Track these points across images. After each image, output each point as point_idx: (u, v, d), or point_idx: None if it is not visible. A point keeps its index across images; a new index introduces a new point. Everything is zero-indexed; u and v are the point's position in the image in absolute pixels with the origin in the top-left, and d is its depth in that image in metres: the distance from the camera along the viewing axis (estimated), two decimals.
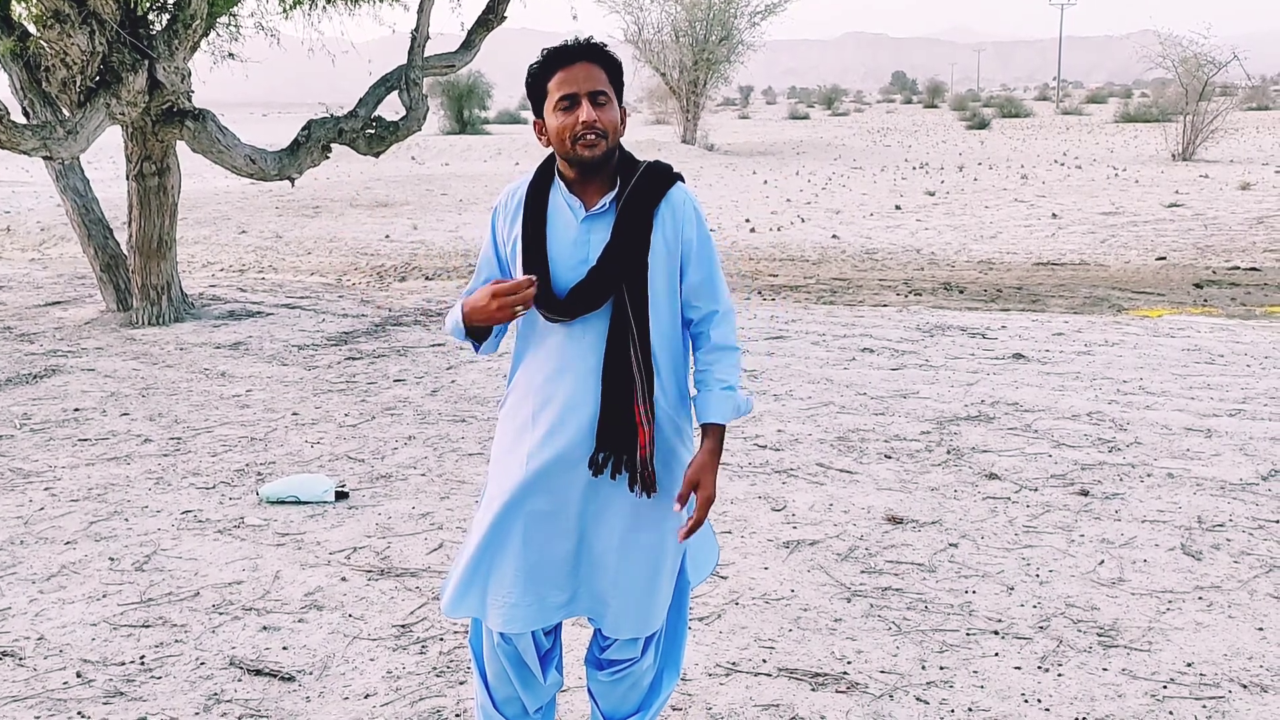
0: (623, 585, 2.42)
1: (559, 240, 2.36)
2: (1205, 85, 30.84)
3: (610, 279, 2.31)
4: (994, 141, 40.83)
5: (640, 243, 2.33)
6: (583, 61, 2.29)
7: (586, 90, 2.27)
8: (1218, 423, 5.83)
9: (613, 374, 2.32)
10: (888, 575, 4.01)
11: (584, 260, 2.33)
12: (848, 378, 6.96)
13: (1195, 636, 3.51)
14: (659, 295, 2.37)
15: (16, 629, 3.69)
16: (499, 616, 2.41)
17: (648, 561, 2.42)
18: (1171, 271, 12.49)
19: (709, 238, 2.45)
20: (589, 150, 2.27)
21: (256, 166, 9.15)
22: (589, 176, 2.35)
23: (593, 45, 2.32)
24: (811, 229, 16.95)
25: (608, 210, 2.35)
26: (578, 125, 2.26)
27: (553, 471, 2.36)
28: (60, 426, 6.14)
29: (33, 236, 16.82)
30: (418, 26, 9.99)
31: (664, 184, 2.39)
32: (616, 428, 2.32)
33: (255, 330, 8.77)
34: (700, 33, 39.40)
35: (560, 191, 2.38)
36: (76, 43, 8.02)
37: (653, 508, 2.40)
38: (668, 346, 2.41)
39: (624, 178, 2.37)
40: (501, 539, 2.39)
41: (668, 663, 2.66)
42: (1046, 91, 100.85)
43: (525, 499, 2.37)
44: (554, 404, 2.36)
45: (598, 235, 2.34)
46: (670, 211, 2.38)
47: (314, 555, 4.28)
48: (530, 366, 2.42)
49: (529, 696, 2.58)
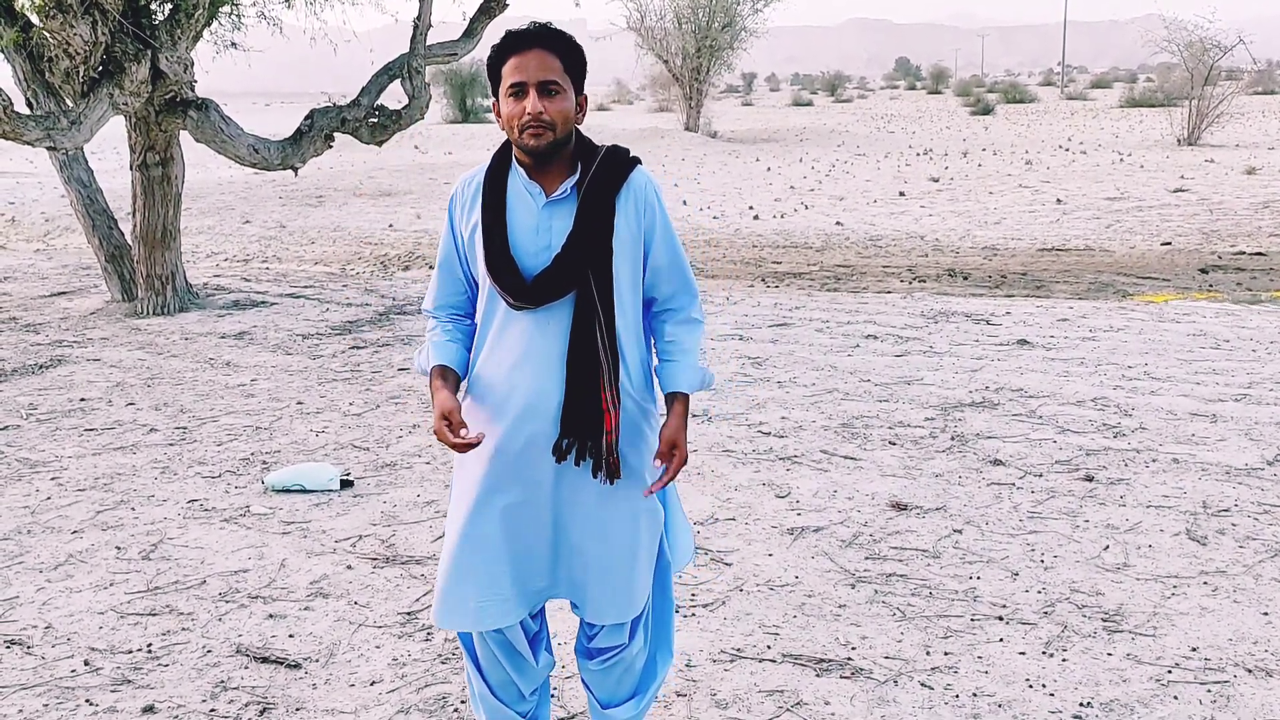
0: (601, 571, 2.41)
1: (520, 227, 2.34)
2: (1211, 70, 30.67)
3: (576, 266, 2.29)
4: (998, 127, 40.69)
5: (604, 229, 2.31)
6: (537, 49, 2.26)
7: (536, 80, 2.24)
8: (1223, 408, 5.83)
9: (578, 360, 2.31)
10: (892, 561, 4.02)
11: (547, 247, 2.32)
12: (852, 364, 6.96)
13: (1200, 621, 3.52)
14: (623, 281, 2.36)
15: (24, 618, 3.71)
16: (491, 616, 2.40)
17: (624, 546, 2.41)
18: (1177, 257, 12.45)
19: (669, 221, 2.44)
20: (535, 140, 2.26)
21: (260, 156, 9.15)
22: (544, 163, 2.33)
23: (549, 31, 2.28)
24: (815, 216, 16.91)
25: (569, 196, 2.33)
26: (525, 115, 2.24)
27: (522, 461, 2.35)
28: (66, 416, 6.15)
29: (38, 227, 16.83)
30: (420, 15, 9.96)
31: (625, 169, 2.37)
32: (582, 414, 2.31)
33: (260, 320, 8.78)
34: (703, 19, 39.23)
35: (519, 178, 2.36)
36: (79, 33, 8.01)
37: (624, 493, 2.39)
38: (632, 331, 2.41)
39: (584, 163, 2.35)
40: (481, 537, 2.38)
41: (659, 646, 2.66)
42: (1051, 77, 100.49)
43: (496, 492, 2.36)
44: (519, 392, 2.34)
45: (559, 222, 2.32)
46: (632, 196, 2.36)
47: (319, 543, 4.30)
48: (493, 356, 2.39)
49: (523, 680, 2.59)
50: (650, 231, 2.39)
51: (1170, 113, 33.60)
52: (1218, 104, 29.45)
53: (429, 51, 10.13)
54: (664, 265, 2.42)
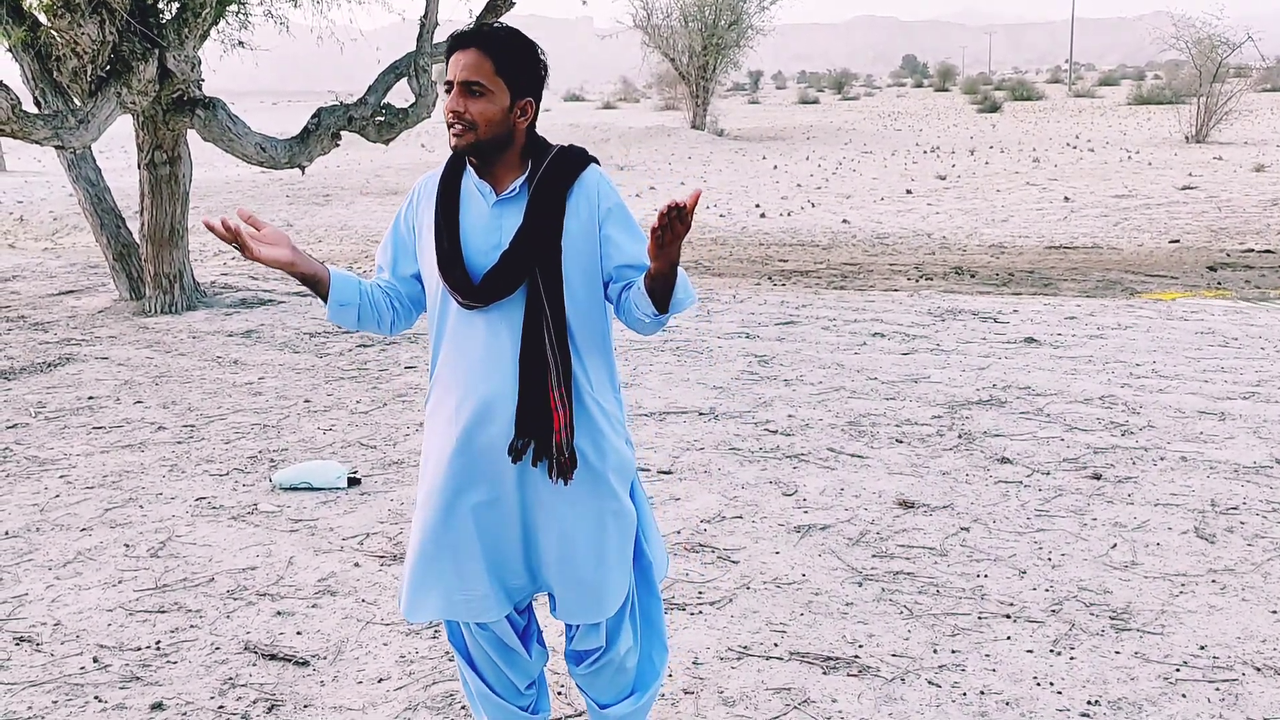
0: (568, 571, 2.39)
1: (471, 226, 2.33)
2: (1219, 67, 30.59)
3: (521, 262, 2.28)
4: (1005, 125, 40.60)
5: (552, 226, 2.30)
6: (472, 48, 2.25)
7: (461, 79, 2.24)
8: (1231, 406, 5.81)
9: (529, 360, 2.29)
10: (899, 559, 4.01)
11: (497, 245, 2.31)
12: (859, 362, 6.95)
13: (1208, 619, 3.51)
14: (574, 278, 2.33)
15: (34, 615, 3.72)
16: (472, 609, 2.40)
17: (590, 547, 2.39)
18: (1185, 254, 12.42)
19: (628, 213, 2.40)
20: (456, 139, 2.27)
21: (267, 155, 9.16)
22: (488, 162, 2.33)
23: (488, 32, 2.27)
24: (822, 214, 16.90)
25: (519, 194, 2.33)
26: (448, 113, 2.26)
27: (483, 461, 2.34)
28: (75, 414, 6.17)
29: (46, 226, 16.88)
30: (426, 13, 9.97)
31: (576, 167, 2.35)
32: (533, 414, 2.29)
33: (267, 318, 8.80)
34: (709, 17, 39.22)
35: (471, 178, 2.37)
36: (87, 32, 8.03)
37: (589, 494, 2.37)
38: (588, 329, 2.37)
39: (535, 162, 2.34)
40: (449, 535, 2.37)
41: (653, 644, 2.65)
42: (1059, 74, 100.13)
43: (463, 491, 2.35)
44: (476, 394, 2.32)
45: (509, 220, 2.32)
46: (584, 194, 2.34)
47: (327, 541, 4.30)
48: (450, 358, 2.38)
49: (517, 674, 2.60)
50: (606, 228, 2.36)
51: (1178, 110, 33.50)
52: (1226, 101, 29.37)
53: (436, 49, 10.13)
54: (632, 255, 2.36)
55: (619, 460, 2.43)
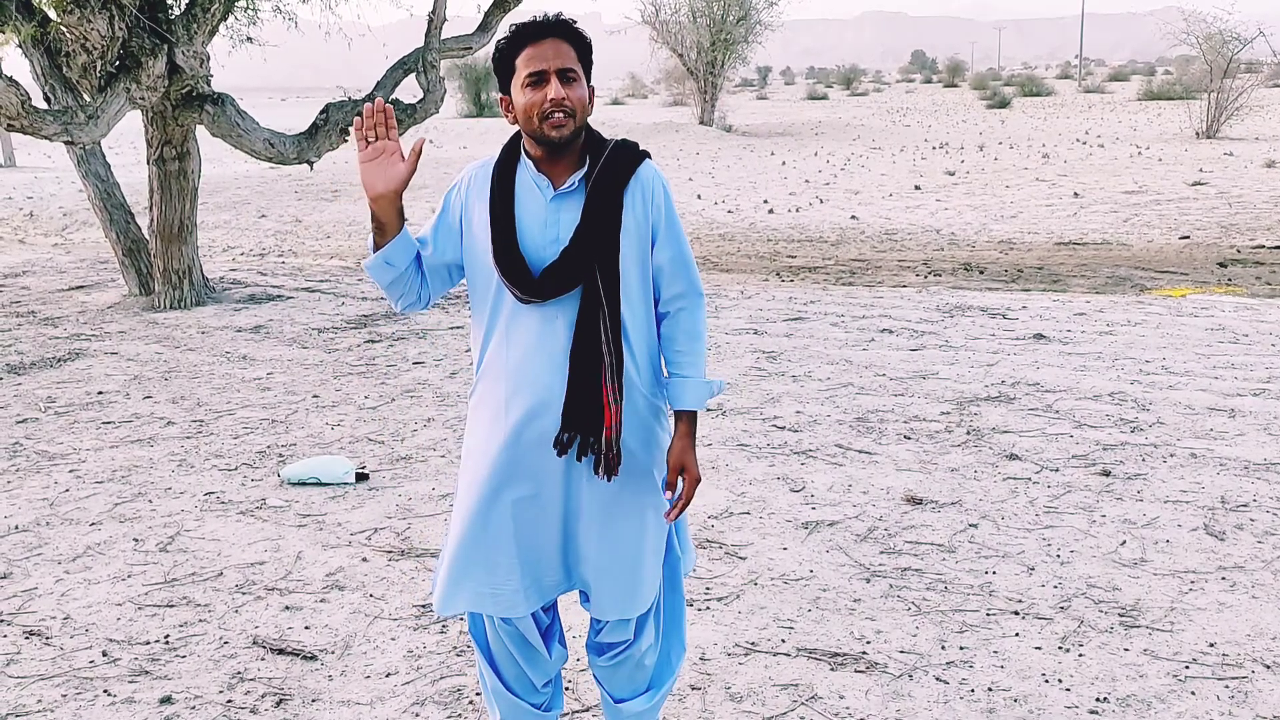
0: (607, 567, 2.40)
1: (528, 220, 2.32)
2: (1230, 62, 30.42)
3: (584, 259, 2.27)
4: (1015, 120, 40.47)
5: (612, 222, 2.29)
6: (552, 38, 2.24)
7: (555, 67, 2.22)
8: (1241, 402, 5.79)
9: (581, 354, 2.29)
10: (907, 556, 4.01)
11: (555, 240, 2.30)
12: (867, 359, 6.94)
13: (1218, 617, 3.49)
14: (630, 275, 2.34)
15: (43, 609, 3.74)
16: (500, 604, 2.40)
17: (631, 542, 2.40)
18: (1195, 250, 12.37)
19: (676, 217, 2.42)
20: (556, 130, 2.23)
21: (275, 150, 9.18)
22: (556, 155, 2.31)
23: (562, 22, 2.27)
24: (830, 210, 16.87)
25: (577, 189, 2.32)
26: (546, 102, 2.21)
27: (530, 456, 2.33)
28: (84, 409, 6.19)
29: (55, 222, 16.94)
30: (434, 9, 9.97)
31: (633, 162, 2.35)
32: (583, 408, 2.29)
33: (276, 314, 8.82)
34: (718, 13, 39.14)
35: (528, 170, 2.34)
36: (96, 28, 8.05)
37: (633, 489, 2.38)
38: (641, 326, 2.38)
39: (592, 156, 2.33)
40: (488, 529, 2.37)
41: (672, 642, 2.66)
42: (1068, 69, 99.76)
43: (505, 486, 2.35)
44: (527, 387, 2.32)
45: (567, 215, 2.31)
46: (640, 189, 2.34)
47: (335, 536, 4.31)
48: (500, 350, 2.37)
49: (535, 672, 2.59)
50: (656, 226, 2.38)
51: (1189, 106, 33.34)
52: (1237, 97, 29.21)
53: (444, 45, 10.14)
54: (667, 261, 2.39)
55: (663, 456, 2.44)
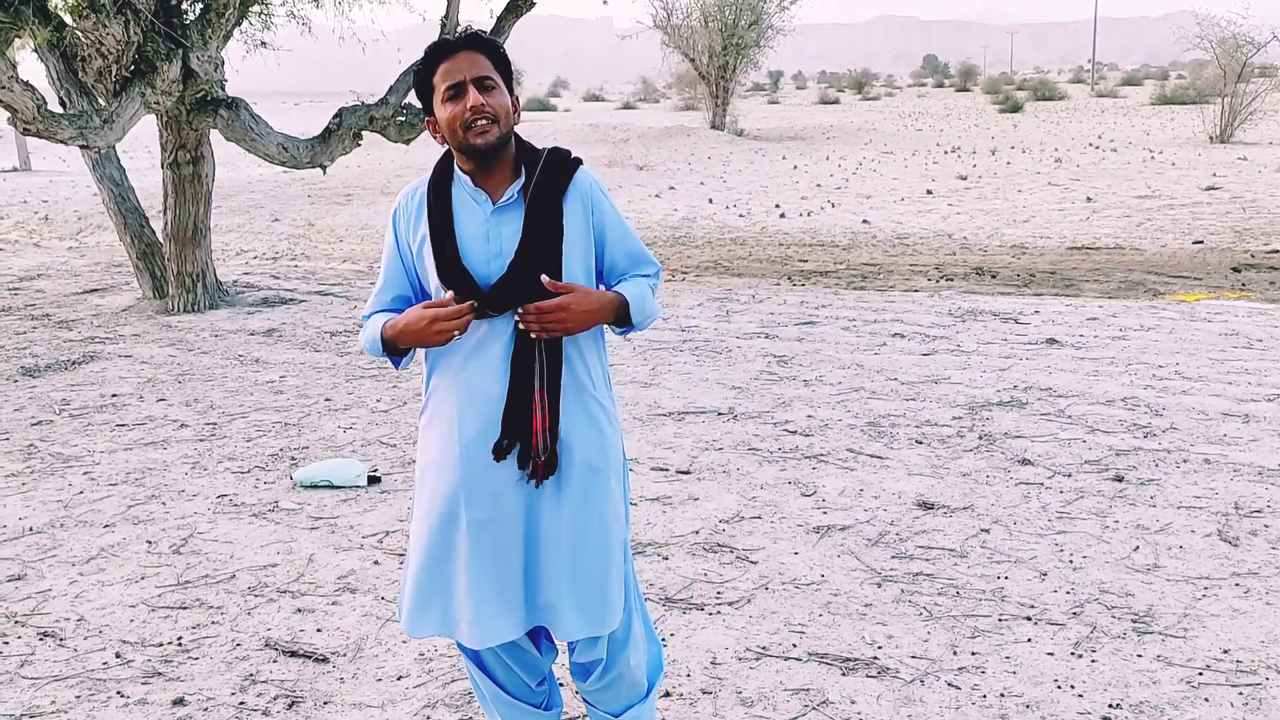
0: (576, 584, 2.35)
1: (469, 236, 2.31)
2: (1244, 66, 30.29)
3: (530, 271, 2.26)
4: (1027, 125, 40.36)
5: (554, 232, 2.30)
6: (465, 50, 2.26)
7: (471, 76, 2.24)
8: (1255, 408, 5.76)
9: (521, 363, 2.29)
10: (919, 560, 4.00)
11: (499, 254, 2.29)
12: (878, 363, 6.93)
13: (1232, 623, 3.48)
14: (575, 280, 2.34)
15: (57, 610, 3.76)
16: (472, 634, 2.35)
17: (598, 554, 2.36)
18: (1208, 255, 12.31)
19: (619, 214, 2.43)
20: (481, 138, 2.24)
21: (289, 155, 9.22)
22: (488, 167, 2.31)
23: (473, 35, 2.29)
24: (842, 214, 16.85)
25: (515, 201, 2.32)
26: (466, 111, 2.23)
27: (486, 474, 2.31)
28: (98, 412, 6.23)
29: (70, 225, 17.04)
30: (447, 13, 10.00)
31: (568, 171, 2.36)
32: (518, 414, 2.29)
33: (289, 317, 8.85)
34: (729, 17, 39.15)
35: (464, 187, 2.34)
36: (112, 32, 8.10)
37: (596, 496, 2.35)
38: (590, 332, 2.38)
39: (527, 167, 2.34)
40: (446, 554, 2.33)
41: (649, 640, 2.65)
42: (1081, 74, 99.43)
43: (461, 509, 2.32)
44: (476, 402, 2.32)
45: (508, 227, 2.30)
46: (579, 197, 2.35)
47: (347, 539, 4.33)
48: (448, 367, 2.38)
49: (528, 673, 2.59)
50: (601, 229, 2.39)
51: (1202, 110, 33.22)
52: (1250, 101, 29.07)
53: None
54: (623, 257, 2.43)
55: (618, 458, 2.43)
